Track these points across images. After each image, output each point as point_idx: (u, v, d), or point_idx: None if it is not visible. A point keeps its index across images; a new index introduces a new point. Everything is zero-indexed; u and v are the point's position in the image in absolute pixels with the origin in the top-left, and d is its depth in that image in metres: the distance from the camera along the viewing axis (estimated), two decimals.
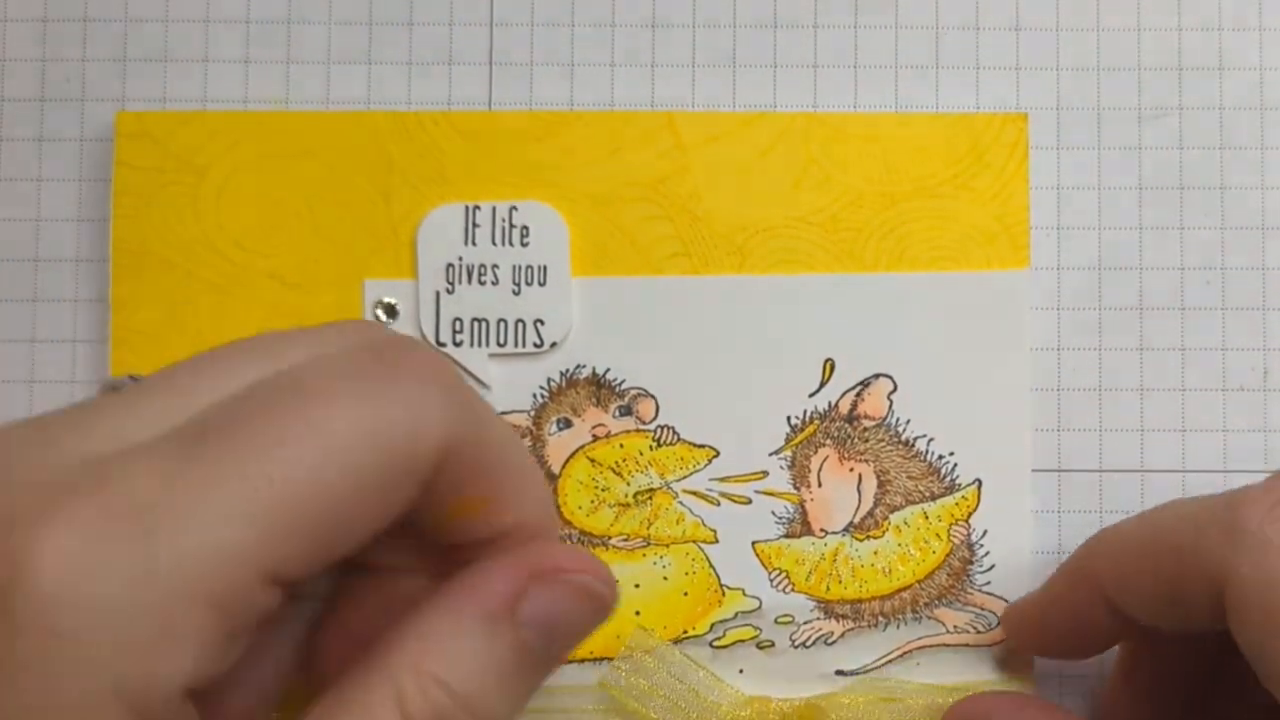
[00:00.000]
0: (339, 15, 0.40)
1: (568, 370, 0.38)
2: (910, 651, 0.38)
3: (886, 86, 0.39)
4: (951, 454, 0.38)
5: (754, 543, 0.38)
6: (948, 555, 0.38)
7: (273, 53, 0.39)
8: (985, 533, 0.38)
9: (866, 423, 0.38)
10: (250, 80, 0.39)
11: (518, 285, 0.38)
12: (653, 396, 0.38)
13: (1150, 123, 0.39)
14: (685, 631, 0.38)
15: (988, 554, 0.38)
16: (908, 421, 0.38)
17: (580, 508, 0.38)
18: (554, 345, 0.38)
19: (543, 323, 0.38)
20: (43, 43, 0.40)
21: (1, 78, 0.40)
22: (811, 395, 0.38)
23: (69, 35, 0.40)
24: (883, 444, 0.38)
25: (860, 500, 0.38)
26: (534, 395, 0.38)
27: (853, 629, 0.38)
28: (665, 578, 0.38)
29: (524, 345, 0.38)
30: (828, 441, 0.38)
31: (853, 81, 0.39)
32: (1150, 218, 0.39)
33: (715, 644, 0.38)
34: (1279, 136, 0.40)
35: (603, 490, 0.38)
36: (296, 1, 0.40)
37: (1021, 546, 0.38)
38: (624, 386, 0.38)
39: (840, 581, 0.38)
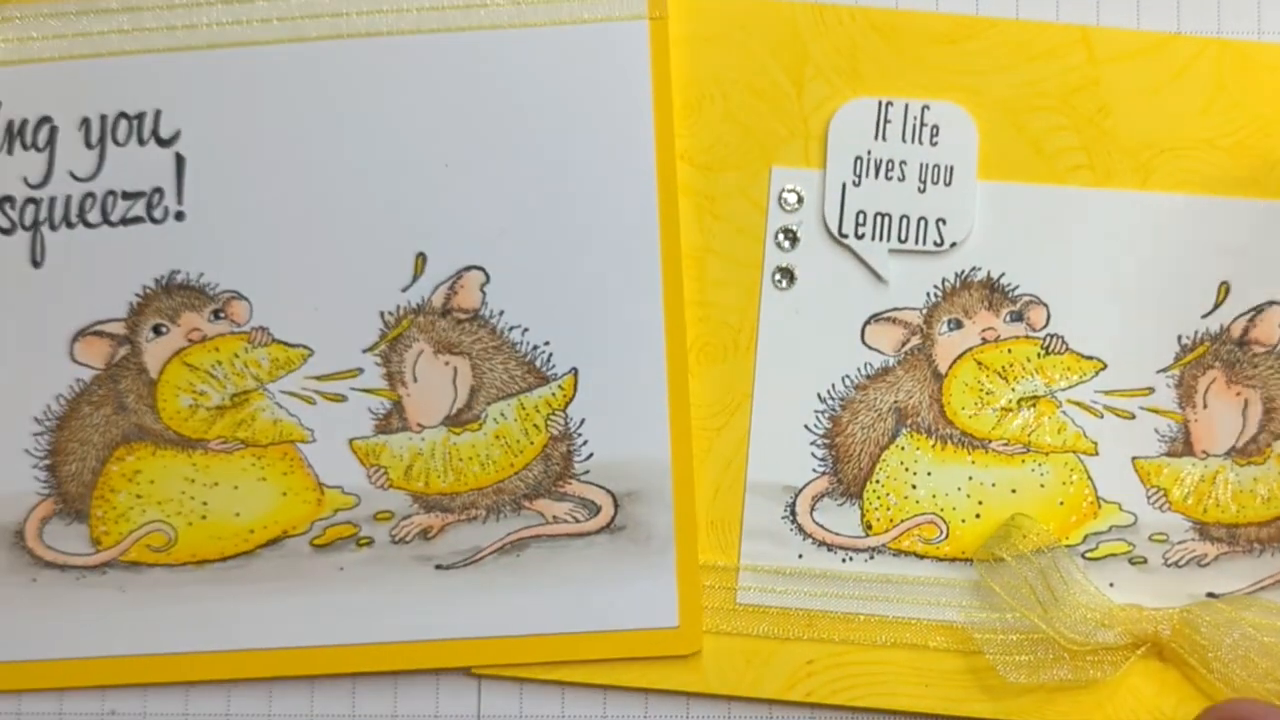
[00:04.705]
0: None
1: (963, 271, 0.38)
2: None
3: None
4: None
5: (1134, 458, 0.38)
6: None
7: None
8: None
9: (1257, 349, 0.38)
10: None
11: (923, 183, 0.38)
12: (1045, 304, 0.38)
13: None
14: (1059, 541, 0.38)
15: None
16: None
17: (964, 409, 0.38)
18: (954, 246, 0.38)
19: (945, 222, 0.38)
20: None
21: None
22: (1204, 316, 0.38)
23: None
24: (1272, 371, 0.38)
25: (1245, 425, 0.38)
26: (928, 294, 0.38)
27: (1227, 553, 0.38)
28: (1042, 485, 0.38)
29: (924, 244, 0.38)
30: (1217, 364, 0.38)
31: (1256, 6, 0.39)
32: None
33: (1088, 555, 0.38)
34: None
35: (987, 394, 0.38)
36: None
37: None
38: (1017, 292, 0.38)
39: (1218, 504, 0.38)
